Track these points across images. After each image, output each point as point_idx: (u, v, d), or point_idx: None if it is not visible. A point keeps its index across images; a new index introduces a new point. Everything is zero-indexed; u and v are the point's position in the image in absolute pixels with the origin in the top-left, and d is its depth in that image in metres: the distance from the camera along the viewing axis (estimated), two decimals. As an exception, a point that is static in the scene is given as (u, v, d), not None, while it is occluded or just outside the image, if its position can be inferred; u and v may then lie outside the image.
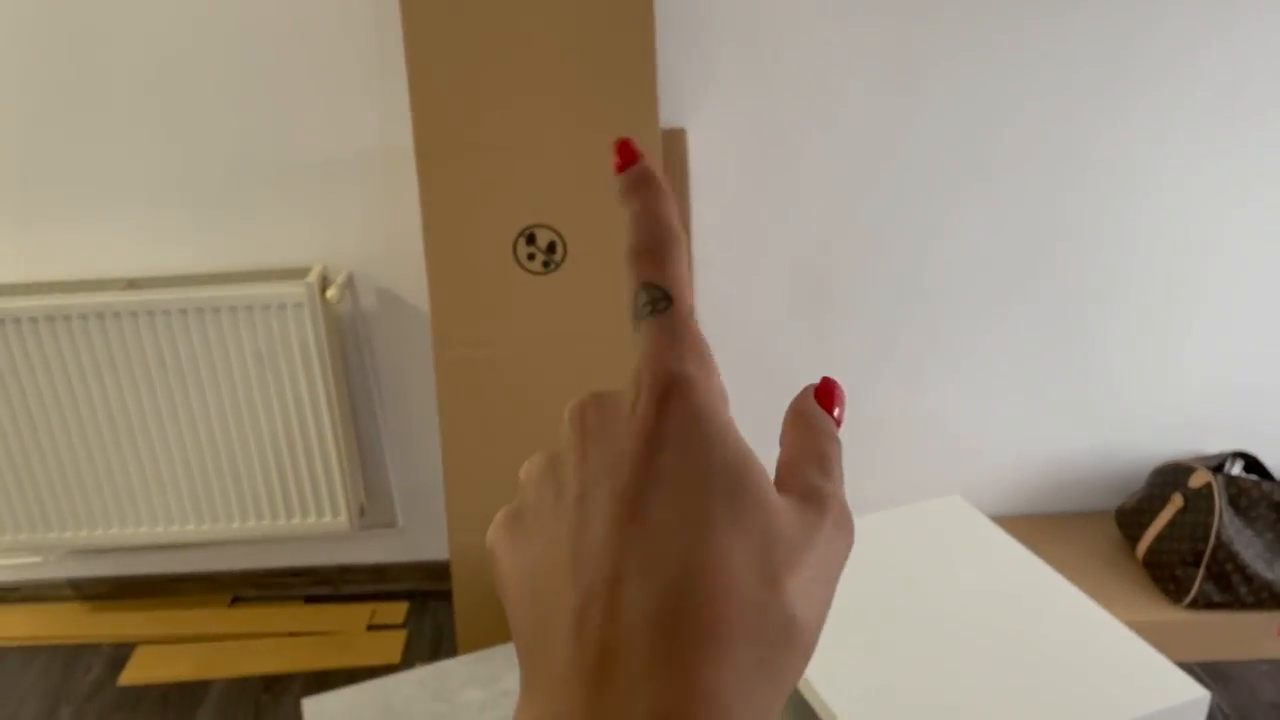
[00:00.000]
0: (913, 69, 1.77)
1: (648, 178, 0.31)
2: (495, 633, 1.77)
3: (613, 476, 0.27)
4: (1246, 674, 1.85)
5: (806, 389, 0.31)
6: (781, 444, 0.30)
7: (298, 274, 1.81)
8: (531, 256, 1.61)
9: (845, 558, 0.28)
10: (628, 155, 0.31)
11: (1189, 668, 1.84)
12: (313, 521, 1.95)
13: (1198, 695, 1.12)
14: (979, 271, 1.94)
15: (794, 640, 0.25)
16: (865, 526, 1.40)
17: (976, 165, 1.85)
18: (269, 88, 1.74)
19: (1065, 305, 1.97)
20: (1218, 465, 1.92)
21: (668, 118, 1.76)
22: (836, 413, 0.31)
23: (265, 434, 1.87)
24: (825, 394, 0.31)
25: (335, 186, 1.80)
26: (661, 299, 0.29)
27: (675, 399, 0.27)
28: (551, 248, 1.60)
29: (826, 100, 1.78)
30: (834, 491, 0.29)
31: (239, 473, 1.90)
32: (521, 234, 1.60)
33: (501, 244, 1.60)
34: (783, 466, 0.30)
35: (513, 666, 1.32)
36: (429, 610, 2.10)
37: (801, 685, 1.15)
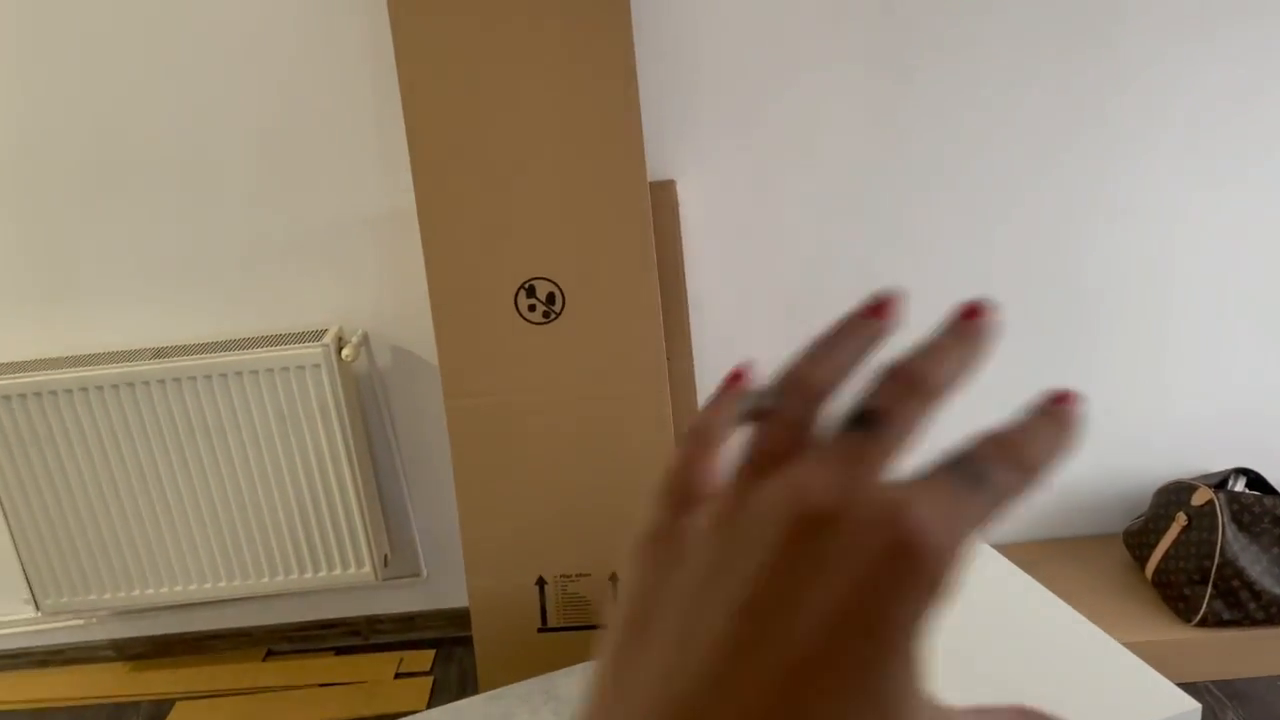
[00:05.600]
0: (889, 106, 1.84)
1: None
2: (512, 673, 1.81)
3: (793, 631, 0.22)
4: (1263, 690, 1.85)
5: (1030, 714, 0.26)
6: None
7: (315, 336, 1.90)
8: (532, 307, 1.68)
9: None
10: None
11: (1205, 686, 1.85)
12: (339, 574, 2.02)
13: (1189, 708, 1.15)
14: (974, 296, 1.98)
15: None
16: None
17: (961, 194, 1.90)
18: (277, 162, 1.84)
19: (1064, 328, 2.01)
20: (1220, 483, 1.94)
21: (657, 171, 1.83)
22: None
23: (290, 491, 1.95)
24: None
25: (346, 251, 1.90)
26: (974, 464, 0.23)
27: (922, 593, 0.22)
28: (551, 298, 1.67)
29: (807, 143, 1.85)
30: None
31: (267, 530, 1.98)
32: (522, 286, 1.67)
33: (503, 296, 1.67)
34: None
35: (523, 703, 1.36)
36: (455, 656, 2.15)
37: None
